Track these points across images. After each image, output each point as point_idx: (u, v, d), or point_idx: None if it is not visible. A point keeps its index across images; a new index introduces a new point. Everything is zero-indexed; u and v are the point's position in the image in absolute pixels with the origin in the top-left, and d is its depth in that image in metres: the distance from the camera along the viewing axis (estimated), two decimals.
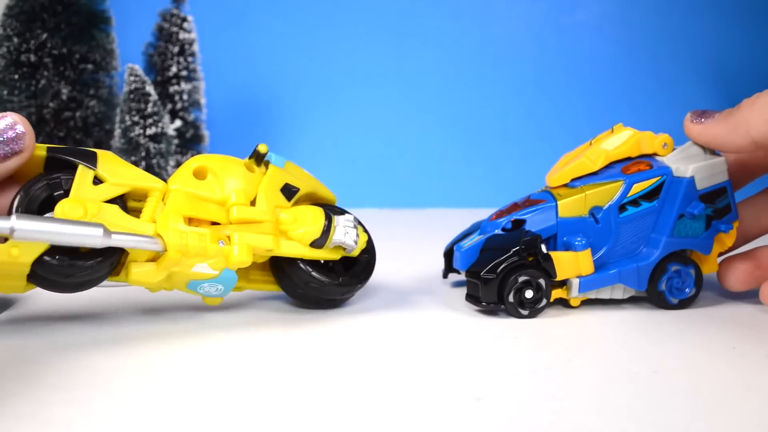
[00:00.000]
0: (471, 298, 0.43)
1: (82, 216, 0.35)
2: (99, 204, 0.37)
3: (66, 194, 0.37)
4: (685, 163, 0.43)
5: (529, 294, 0.42)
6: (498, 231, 0.44)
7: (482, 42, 1.01)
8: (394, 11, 1.01)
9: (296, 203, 0.44)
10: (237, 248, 0.38)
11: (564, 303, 0.44)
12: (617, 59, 1.01)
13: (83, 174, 0.38)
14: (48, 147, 0.38)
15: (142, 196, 0.40)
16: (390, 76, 1.01)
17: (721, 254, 0.46)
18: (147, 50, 0.81)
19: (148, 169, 0.67)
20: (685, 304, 0.44)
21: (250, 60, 1.01)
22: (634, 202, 0.43)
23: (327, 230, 0.41)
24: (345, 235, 0.42)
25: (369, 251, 0.45)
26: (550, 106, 1.00)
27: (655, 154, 0.45)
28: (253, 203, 0.41)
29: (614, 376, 0.34)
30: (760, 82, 0.94)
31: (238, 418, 0.29)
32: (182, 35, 0.79)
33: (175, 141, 0.74)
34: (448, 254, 0.50)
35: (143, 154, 0.67)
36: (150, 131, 0.67)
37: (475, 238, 0.45)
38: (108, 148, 0.73)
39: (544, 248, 0.42)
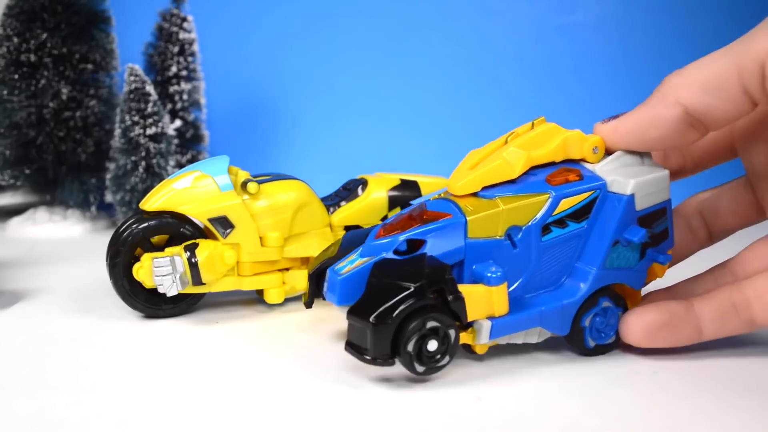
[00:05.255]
0: (353, 348, 0.32)
1: None
2: None
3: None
4: (624, 176, 0.35)
5: (433, 345, 0.31)
6: (388, 254, 0.33)
7: (482, 42, 1.01)
8: (394, 11, 1.01)
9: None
10: None
11: (467, 348, 0.35)
12: (616, 59, 1.01)
13: None
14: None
15: None
16: (389, 76, 1.01)
17: None
18: (147, 50, 0.81)
19: (148, 168, 0.67)
20: (600, 350, 0.36)
21: (250, 60, 1.01)
22: (561, 221, 0.34)
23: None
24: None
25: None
26: (550, 106, 1.00)
27: (584, 160, 0.36)
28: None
29: (614, 376, 0.34)
30: None
31: (240, 421, 0.29)
32: (182, 35, 0.79)
33: (175, 141, 0.74)
34: (317, 276, 0.37)
35: (143, 154, 0.67)
36: (150, 131, 0.67)
37: (357, 262, 0.34)
38: (108, 148, 0.73)
39: (453, 285, 0.32)
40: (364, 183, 0.49)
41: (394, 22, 1.01)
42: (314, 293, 0.37)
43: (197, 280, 0.41)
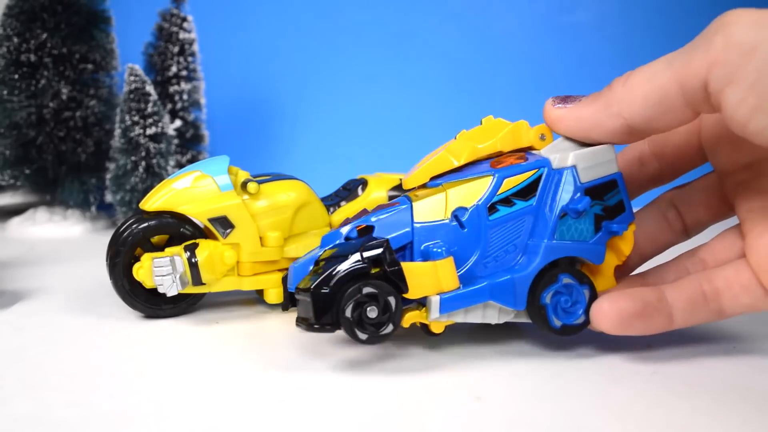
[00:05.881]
0: (302, 321, 0.33)
1: None
2: None
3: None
4: (565, 152, 0.36)
5: (372, 313, 0.32)
6: (340, 241, 0.35)
7: (482, 42, 1.01)
8: (394, 11, 1.01)
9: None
10: None
11: (425, 329, 0.36)
12: (617, 59, 1.01)
13: None
14: None
15: None
16: (390, 76, 1.01)
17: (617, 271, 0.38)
18: (147, 50, 0.81)
19: (148, 168, 0.67)
20: (569, 331, 0.35)
21: (250, 60, 1.01)
22: (507, 200, 0.35)
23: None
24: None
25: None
26: None
27: (531, 148, 0.37)
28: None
29: (614, 376, 0.34)
30: None
31: (239, 421, 0.29)
32: (182, 35, 0.79)
33: (175, 141, 0.74)
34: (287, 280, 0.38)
35: (143, 154, 0.67)
36: (150, 131, 0.67)
37: (313, 252, 0.37)
38: (108, 148, 0.73)
39: (390, 254, 0.33)
40: (364, 183, 0.49)
41: (395, 22, 1.01)
42: (289, 296, 0.37)
43: (197, 280, 0.41)
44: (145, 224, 0.42)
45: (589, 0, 1.01)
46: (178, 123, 0.80)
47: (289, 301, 0.38)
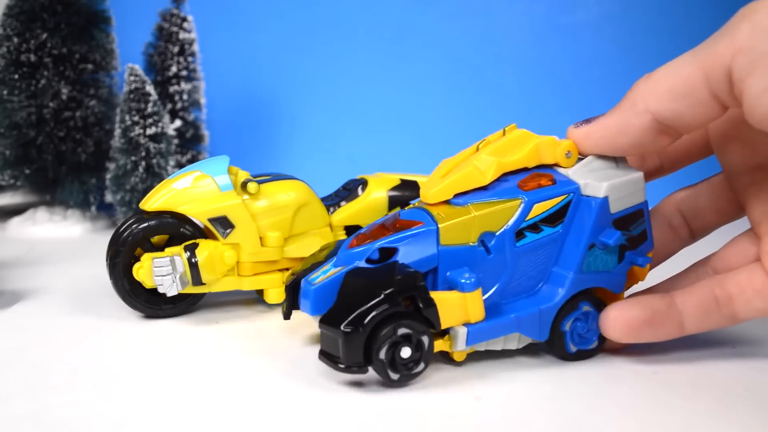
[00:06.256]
0: (327, 356, 0.32)
1: None
2: None
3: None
4: (596, 179, 0.34)
5: (406, 353, 0.31)
6: (361, 263, 0.33)
7: (482, 42, 1.02)
8: (394, 11, 1.01)
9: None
10: None
11: (445, 355, 0.35)
12: (617, 59, 1.01)
13: None
14: None
15: None
16: (390, 76, 1.01)
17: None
18: (147, 50, 0.81)
19: (148, 168, 0.67)
20: (583, 355, 0.36)
21: (250, 60, 1.01)
22: (534, 226, 0.34)
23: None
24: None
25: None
26: (550, 107, 1.00)
27: (557, 165, 0.36)
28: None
29: (614, 376, 0.34)
30: None
31: (239, 422, 0.29)
32: (182, 35, 0.79)
33: (175, 141, 0.74)
34: (293, 288, 0.36)
35: (143, 154, 0.67)
36: (150, 131, 0.67)
37: (330, 271, 0.34)
38: (108, 148, 0.73)
39: (425, 292, 0.32)
40: (364, 183, 0.49)
41: (394, 22, 1.01)
42: (291, 304, 0.37)
43: (197, 280, 0.41)
44: (145, 224, 0.42)
45: (589, 0, 1.01)
46: (178, 123, 0.79)
47: (291, 308, 0.37)
